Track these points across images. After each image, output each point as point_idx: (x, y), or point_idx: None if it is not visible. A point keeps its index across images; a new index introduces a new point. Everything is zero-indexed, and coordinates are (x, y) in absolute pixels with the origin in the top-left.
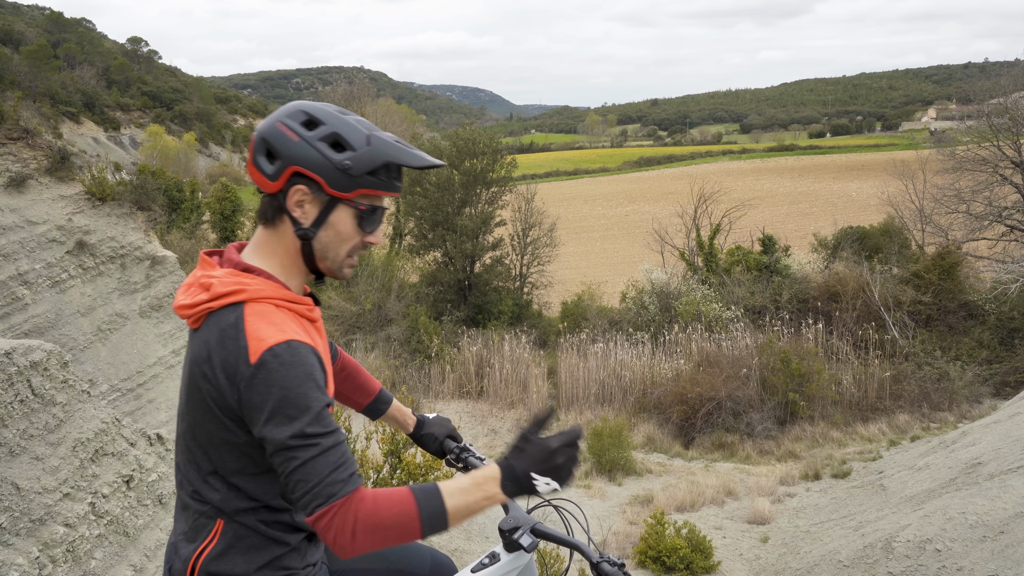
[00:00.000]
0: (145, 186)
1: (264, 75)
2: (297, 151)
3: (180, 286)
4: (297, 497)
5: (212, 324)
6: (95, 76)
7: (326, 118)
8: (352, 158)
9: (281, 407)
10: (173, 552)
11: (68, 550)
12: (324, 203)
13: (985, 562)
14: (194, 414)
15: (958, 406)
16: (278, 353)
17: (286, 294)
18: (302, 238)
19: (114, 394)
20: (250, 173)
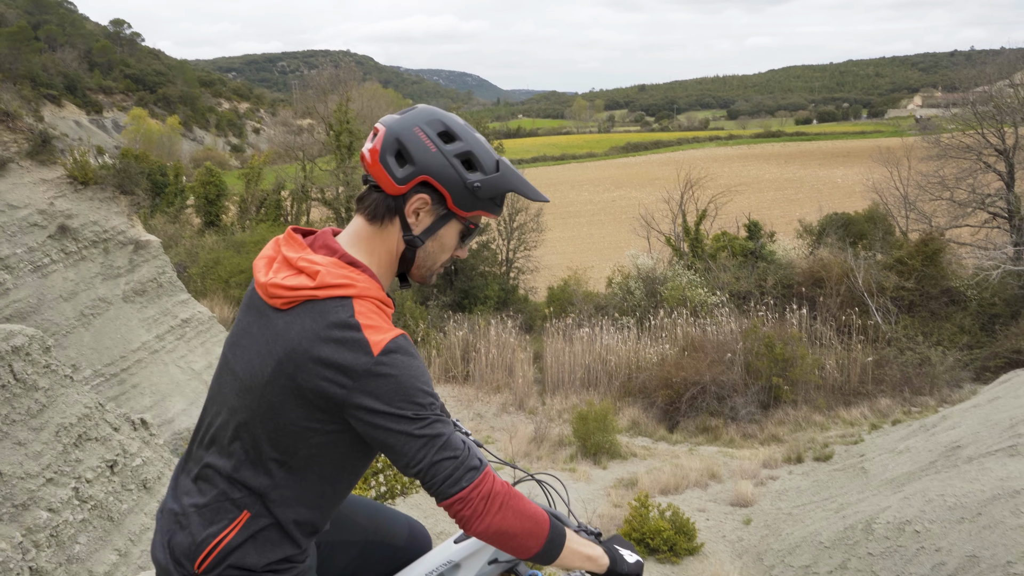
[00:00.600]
0: (128, 170)
1: (249, 58)
2: (432, 162)
3: (259, 260)
4: (447, 473)
5: (313, 313)
6: (77, 58)
7: (463, 134)
8: (482, 181)
9: (411, 391)
10: (176, 525)
11: (52, 535)
12: (439, 215)
13: (963, 543)
14: (272, 400)
15: (939, 391)
16: (401, 345)
17: (383, 296)
18: (409, 244)
19: (97, 379)
20: (371, 168)
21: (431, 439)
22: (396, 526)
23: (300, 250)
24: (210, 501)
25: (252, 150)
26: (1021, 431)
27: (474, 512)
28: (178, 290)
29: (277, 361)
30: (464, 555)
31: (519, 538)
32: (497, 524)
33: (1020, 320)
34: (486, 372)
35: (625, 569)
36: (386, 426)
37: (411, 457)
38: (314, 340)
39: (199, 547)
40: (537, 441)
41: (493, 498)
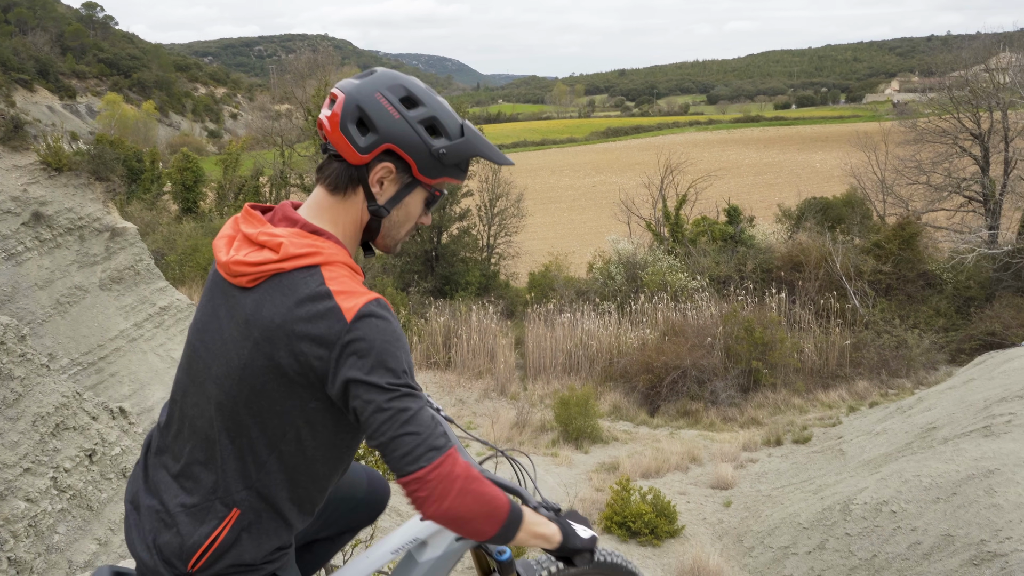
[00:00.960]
0: (103, 156)
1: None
2: (396, 129)
3: (218, 240)
4: (407, 449)
5: (282, 287)
6: (48, 42)
7: (425, 98)
8: (447, 147)
9: (385, 360)
10: (160, 524)
11: (30, 525)
12: (404, 183)
13: (938, 522)
14: (252, 382)
15: (915, 373)
16: (374, 310)
17: (351, 260)
18: (374, 214)
19: (75, 368)
20: (331, 136)
21: (397, 413)
22: (355, 477)
23: (260, 225)
24: (199, 500)
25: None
26: (995, 412)
27: (430, 495)
28: (156, 278)
29: (254, 343)
30: (430, 532)
31: (475, 522)
32: (454, 509)
33: (994, 303)
34: (468, 358)
35: (578, 544)
36: (358, 394)
37: (375, 428)
38: (287, 315)
39: (191, 548)
40: (519, 426)
41: (452, 481)
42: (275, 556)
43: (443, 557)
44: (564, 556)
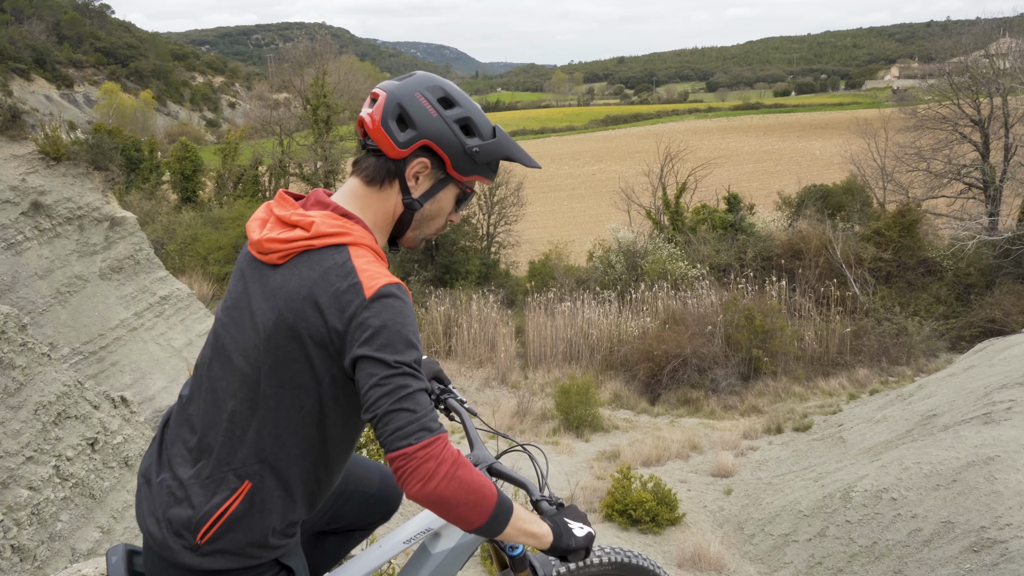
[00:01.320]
0: (101, 145)
1: (222, 31)
2: (433, 127)
3: (251, 222)
4: (400, 425)
5: (310, 262)
6: (45, 31)
7: (461, 100)
8: (480, 146)
9: (394, 339)
10: (170, 496)
11: (33, 513)
12: (438, 179)
13: (938, 509)
14: (276, 353)
15: (915, 360)
16: (393, 291)
17: (377, 246)
18: (408, 207)
19: (75, 357)
20: (373, 132)
21: (396, 389)
22: (368, 472)
23: (292, 208)
24: (212, 471)
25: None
26: (995, 399)
27: (415, 472)
28: (156, 267)
29: (278, 313)
30: (443, 523)
31: (459, 509)
32: (439, 492)
33: (994, 290)
34: (468, 347)
35: (571, 544)
36: (363, 368)
37: (372, 402)
38: (312, 286)
39: (201, 520)
40: (520, 415)
41: (440, 463)
42: (280, 540)
43: (456, 549)
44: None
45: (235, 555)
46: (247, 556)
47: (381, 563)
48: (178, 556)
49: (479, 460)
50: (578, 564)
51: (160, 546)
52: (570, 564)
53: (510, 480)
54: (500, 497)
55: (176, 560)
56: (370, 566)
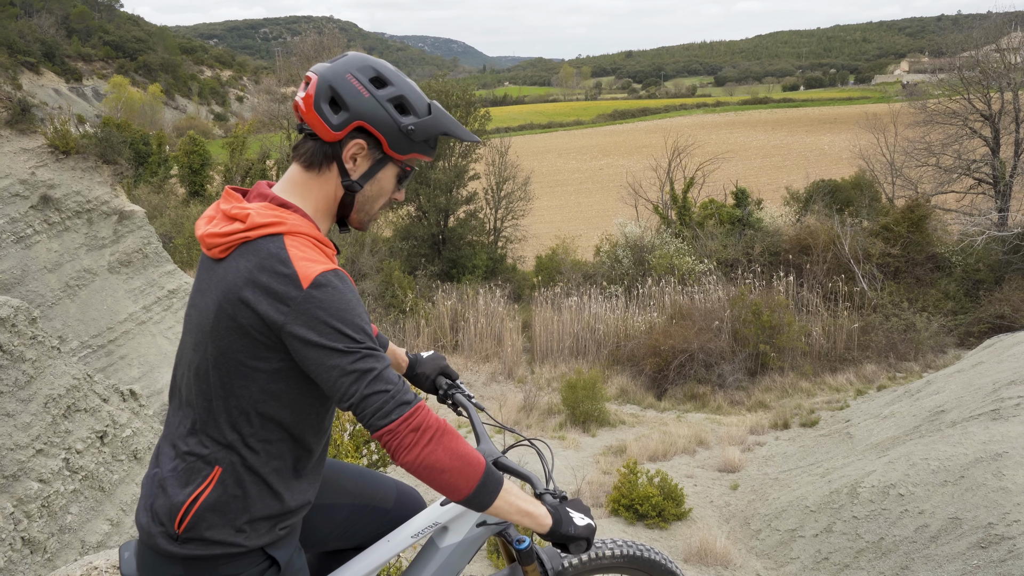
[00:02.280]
0: (110, 139)
1: (231, 24)
2: (366, 107)
3: (200, 218)
4: (378, 406)
5: (247, 253)
6: (54, 25)
7: (394, 79)
8: (416, 124)
9: (341, 325)
10: (158, 489)
11: (43, 505)
12: (376, 160)
13: (946, 505)
14: (219, 344)
15: (923, 356)
16: (330, 279)
17: (318, 234)
18: (348, 189)
19: (85, 350)
20: (306, 116)
21: (362, 373)
22: (384, 490)
23: (235, 202)
24: (185, 463)
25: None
26: (1004, 395)
27: (400, 444)
28: (164, 261)
29: (219, 306)
30: (451, 517)
31: (446, 474)
32: (424, 457)
33: (1004, 286)
34: (475, 341)
35: (570, 531)
36: (318, 359)
37: (343, 391)
38: (248, 277)
39: (176, 507)
40: (526, 409)
41: (423, 431)
42: (264, 529)
43: (464, 543)
44: (559, 543)
45: (214, 543)
46: (226, 544)
47: (390, 557)
48: (161, 544)
49: (486, 454)
50: (589, 557)
51: (147, 535)
52: (581, 556)
53: (515, 474)
54: (488, 469)
55: (160, 548)
56: (379, 560)
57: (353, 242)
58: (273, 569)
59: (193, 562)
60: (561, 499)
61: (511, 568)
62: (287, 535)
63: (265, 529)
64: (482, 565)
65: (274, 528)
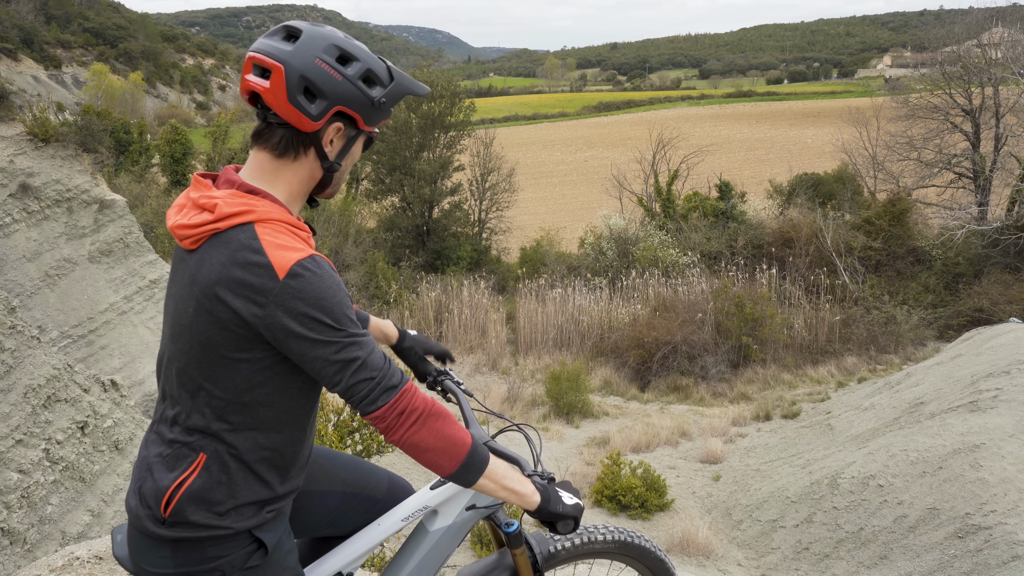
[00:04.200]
0: (90, 127)
1: (213, 12)
2: (342, 91)
3: (170, 208)
4: (364, 394)
5: (218, 245)
6: (32, 10)
7: (356, 51)
8: (385, 94)
9: (320, 315)
10: (146, 472)
11: (23, 496)
12: (349, 137)
13: (924, 496)
14: (200, 338)
15: (903, 349)
16: (307, 266)
17: (290, 218)
18: (328, 170)
19: (65, 340)
20: (280, 109)
21: (347, 363)
22: (376, 479)
23: (204, 189)
24: (171, 449)
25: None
26: (982, 387)
27: (388, 426)
28: (145, 250)
29: (196, 300)
30: (440, 500)
31: (431, 453)
32: (408, 437)
33: (983, 279)
34: (459, 333)
35: (558, 509)
36: (301, 350)
37: (329, 379)
38: (222, 272)
39: (161, 492)
40: (510, 401)
41: (409, 414)
42: (251, 512)
43: (454, 526)
44: (547, 521)
45: (200, 525)
46: (213, 527)
47: (381, 540)
48: (149, 527)
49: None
50: (581, 540)
51: (135, 518)
52: (573, 540)
53: (504, 457)
54: (474, 447)
55: (148, 531)
56: (370, 543)
57: (337, 232)
58: (261, 552)
59: (180, 544)
60: (549, 480)
61: (500, 553)
62: (275, 517)
63: (251, 512)
64: (467, 556)
65: (261, 511)
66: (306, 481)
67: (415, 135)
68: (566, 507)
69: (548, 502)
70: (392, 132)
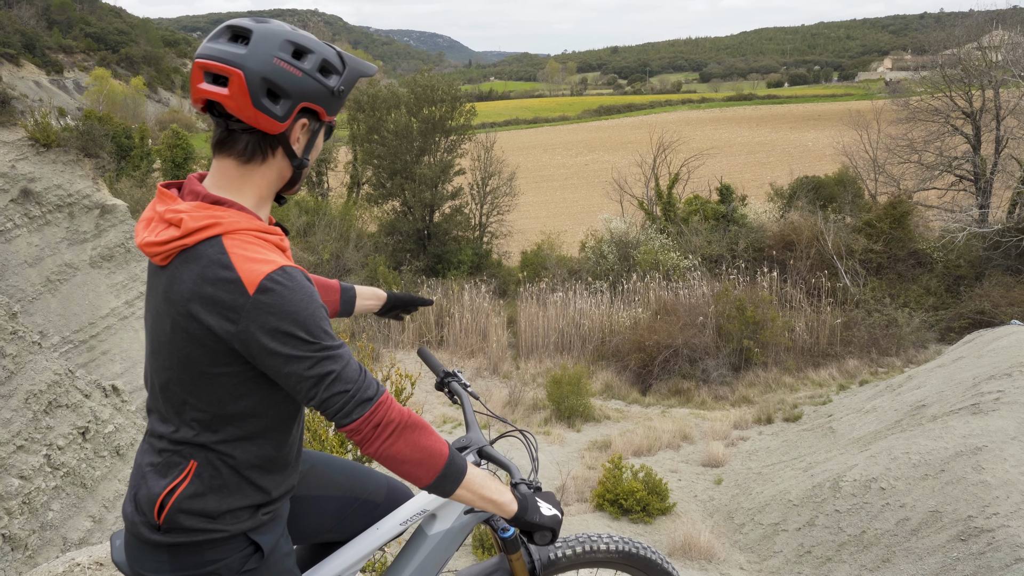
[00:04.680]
0: (92, 132)
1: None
2: (304, 87)
3: (138, 222)
4: (338, 408)
5: (188, 261)
6: (34, 16)
7: (308, 43)
8: (342, 81)
9: (292, 329)
10: (141, 479)
11: (24, 502)
12: (313, 130)
13: (926, 499)
14: (180, 352)
15: (905, 351)
16: (277, 279)
17: (260, 225)
18: (298, 168)
19: (66, 346)
20: (245, 115)
21: (320, 378)
22: (375, 483)
23: (170, 202)
24: (162, 457)
25: None
26: (984, 390)
27: (363, 439)
28: None
29: (172, 319)
30: (438, 504)
31: (407, 465)
32: (384, 450)
33: (984, 281)
34: (460, 337)
35: (535, 519)
36: (275, 365)
37: (304, 394)
38: (195, 288)
39: (154, 498)
40: (512, 404)
41: (384, 427)
42: (246, 515)
43: (452, 530)
44: (525, 531)
45: (194, 530)
46: (208, 531)
47: (379, 544)
48: (144, 534)
49: (472, 443)
50: (583, 549)
51: (131, 524)
52: (575, 548)
53: (497, 463)
54: (451, 459)
55: (143, 537)
56: (369, 548)
57: (338, 237)
58: (258, 555)
59: (176, 549)
60: (535, 490)
61: (499, 557)
62: (270, 520)
63: (247, 515)
64: (467, 560)
65: (256, 514)
66: (305, 486)
67: (416, 139)
68: (543, 517)
69: (525, 511)
70: (393, 136)
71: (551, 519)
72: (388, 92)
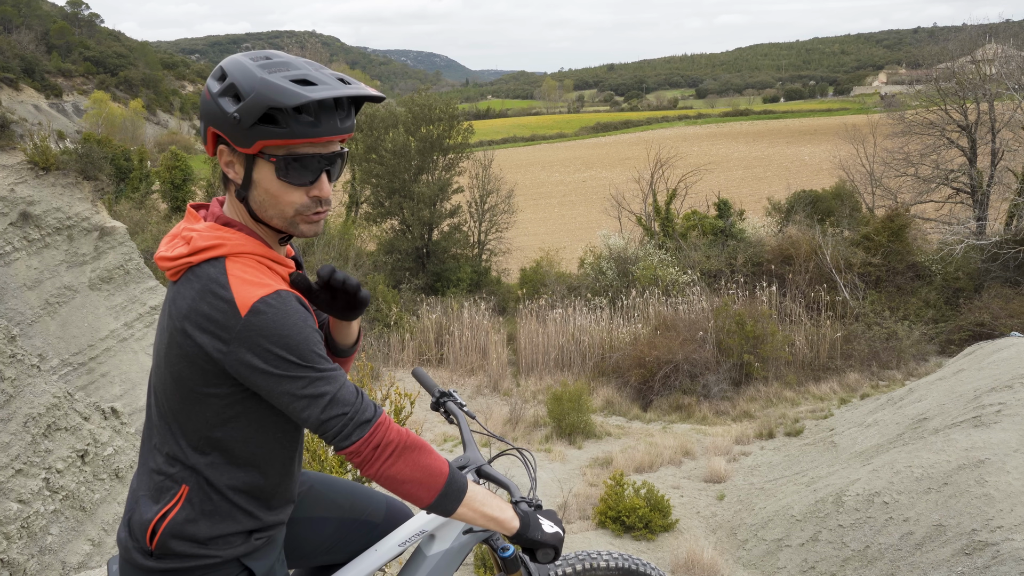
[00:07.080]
0: (91, 155)
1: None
2: (208, 110)
3: (164, 237)
4: (337, 430)
5: (192, 279)
6: (34, 40)
7: (231, 67)
8: (240, 109)
9: (287, 353)
10: (134, 504)
11: (23, 526)
12: (240, 162)
13: (930, 512)
14: (173, 369)
15: (905, 364)
16: (270, 303)
17: (266, 251)
18: (238, 197)
19: (65, 368)
20: None
21: (315, 399)
22: (374, 504)
23: (192, 221)
24: (155, 481)
25: None
26: (985, 402)
27: (363, 460)
28: (146, 277)
29: (170, 333)
30: (437, 524)
31: (408, 485)
32: (384, 471)
33: (983, 293)
34: (460, 355)
35: (537, 536)
36: (267, 386)
37: (299, 416)
38: (191, 306)
39: (146, 524)
40: (512, 422)
41: (383, 448)
42: (239, 540)
43: (451, 551)
44: (528, 549)
45: (187, 556)
46: (200, 556)
47: (378, 566)
48: (137, 559)
49: (470, 462)
50: (584, 566)
51: (124, 550)
52: (575, 566)
53: (496, 482)
54: (452, 478)
55: (136, 563)
56: (367, 569)
57: (337, 256)
58: (245, 574)
59: (169, 575)
60: (536, 508)
61: None
62: (264, 545)
63: (239, 541)
64: None
65: (249, 539)
66: (303, 507)
67: (414, 158)
68: (545, 535)
69: (527, 529)
70: (391, 155)
71: (553, 536)
72: (386, 111)
